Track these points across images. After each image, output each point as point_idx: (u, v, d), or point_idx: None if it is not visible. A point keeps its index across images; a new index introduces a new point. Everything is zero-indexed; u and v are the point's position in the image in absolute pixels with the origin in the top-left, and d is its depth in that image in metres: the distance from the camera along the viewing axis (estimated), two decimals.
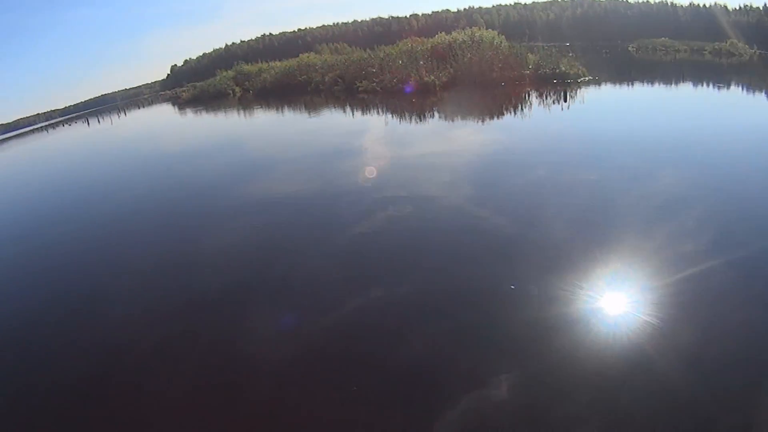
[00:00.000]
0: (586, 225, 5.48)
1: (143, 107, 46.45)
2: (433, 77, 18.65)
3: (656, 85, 20.27)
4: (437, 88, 18.34)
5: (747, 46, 37.13)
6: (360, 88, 21.07)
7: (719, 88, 19.13)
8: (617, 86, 19.09)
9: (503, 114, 14.23)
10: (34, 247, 7.55)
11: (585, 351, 3.39)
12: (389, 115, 15.93)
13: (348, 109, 18.55)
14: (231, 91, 31.18)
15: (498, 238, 5.48)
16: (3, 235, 8.84)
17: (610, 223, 5.41)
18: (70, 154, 20.04)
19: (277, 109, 22.04)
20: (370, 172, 8.74)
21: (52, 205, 10.68)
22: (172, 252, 6.34)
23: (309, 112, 19.37)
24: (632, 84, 19.96)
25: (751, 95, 16.96)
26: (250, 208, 7.68)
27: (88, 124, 32.89)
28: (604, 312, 3.85)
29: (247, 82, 30.31)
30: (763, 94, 17.55)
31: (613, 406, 2.94)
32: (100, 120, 35.17)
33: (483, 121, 13.41)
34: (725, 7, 57.47)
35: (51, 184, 13.35)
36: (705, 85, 19.81)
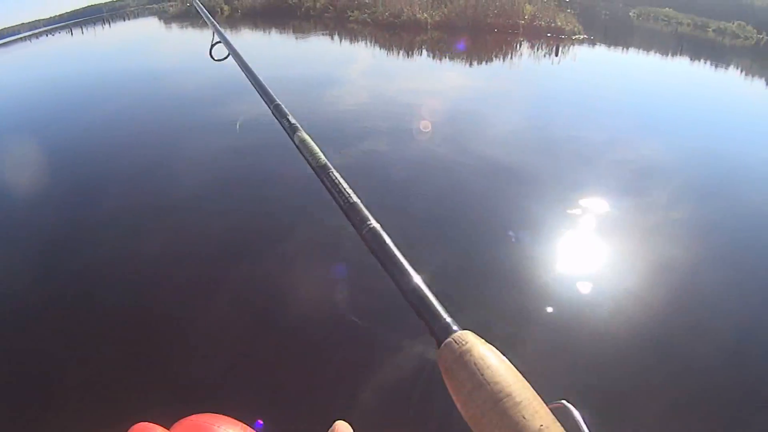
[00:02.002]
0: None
1: (128, 20, 44.41)
2: (426, 15, 18.07)
3: (650, 54, 20.03)
4: (428, 27, 17.81)
5: (755, 30, 36.63)
6: (351, 18, 20.36)
7: (707, 65, 19.08)
8: (611, 49, 18.83)
9: (491, 61, 14.01)
10: None
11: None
12: (377, 49, 15.55)
13: (336, 37, 17.99)
14: (219, 9, 29.83)
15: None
16: None
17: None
18: (47, 64, 19.09)
19: (264, 30, 21.24)
20: (350, 103, 8.64)
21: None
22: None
23: (296, 37, 18.72)
24: (626, 49, 19.69)
25: (732, 76, 16.94)
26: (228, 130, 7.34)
27: (72, 34, 31.46)
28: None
29: (236, 1, 29.03)
30: (747, 77, 17.58)
31: None
32: (84, 30, 33.63)
33: (469, 65, 13.17)
34: None
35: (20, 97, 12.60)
36: (693, 60, 19.71)
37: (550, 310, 3.32)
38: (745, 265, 4.08)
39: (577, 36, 18.29)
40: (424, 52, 14.89)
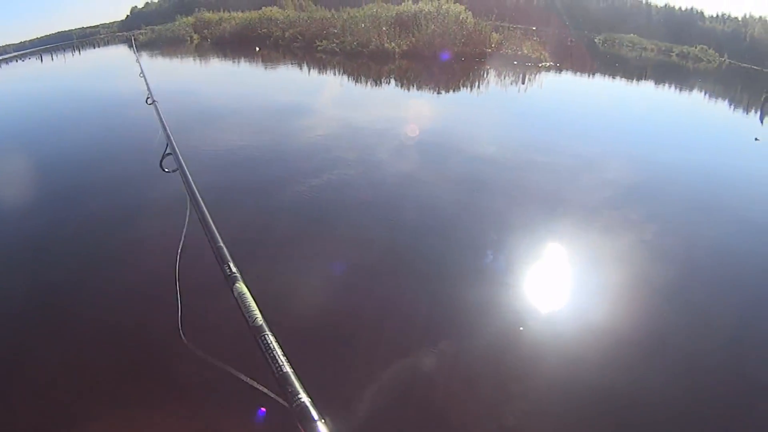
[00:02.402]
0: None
1: (99, 47, 44.05)
2: (393, 44, 18.15)
3: (615, 79, 20.46)
4: (396, 56, 17.87)
5: (717, 53, 37.99)
6: (319, 48, 20.37)
7: (671, 88, 19.62)
8: (577, 75, 19.20)
9: (458, 89, 14.06)
10: None
11: None
12: (345, 77, 15.49)
13: (305, 67, 17.92)
14: (189, 38, 29.71)
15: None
16: None
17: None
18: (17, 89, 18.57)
19: (233, 60, 21.10)
20: (319, 130, 8.50)
21: None
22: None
23: (265, 66, 18.60)
24: (592, 75, 20.11)
25: (695, 98, 17.41)
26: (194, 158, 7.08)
27: (42, 60, 30.92)
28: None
29: (206, 30, 28.90)
30: (706, 96, 18.14)
31: None
32: (54, 57, 33.17)
33: (437, 93, 13.18)
34: (701, 12, 58.74)
35: None
36: (658, 84, 20.27)
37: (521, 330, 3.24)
38: (721, 287, 4.08)
39: (543, 63, 18.58)
40: (392, 81, 14.87)
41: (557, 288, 3.93)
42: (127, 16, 78.74)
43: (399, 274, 3.94)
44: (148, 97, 3.27)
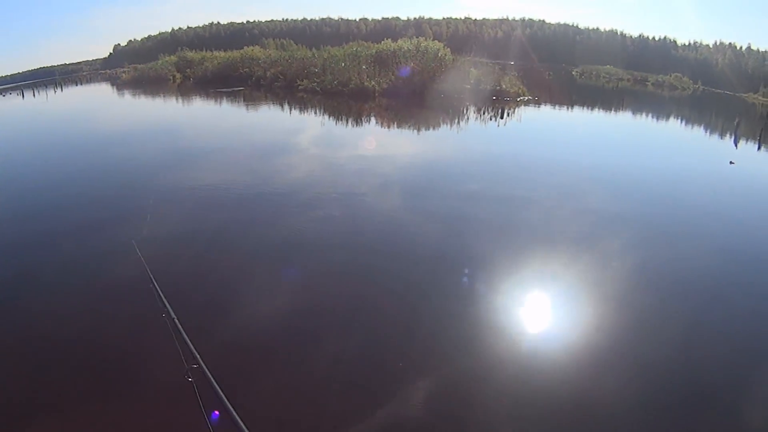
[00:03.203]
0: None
1: (81, 84, 44.10)
2: (373, 83, 18.33)
3: (593, 110, 20.83)
4: (376, 94, 18.03)
5: (691, 81, 39.11)
6: (300, 87, 20.50)
7: (648, 117, 20.02)
8: (555, 108, 19.48)
9: (438, 126, 14.11)
10: None
11: None
12: (326, 116, 15.52)
13: (286, 106, 17.96)
14: (171, 77, 29.88)
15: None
16: None
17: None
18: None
19: (215, 100, 21.13)
20: (301, 171, 8.48)
21: None
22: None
23: (246, 106, 18.63)
24: (570, 108, 20.44)
25: (672, 125, 17.77)
26: (179, 202, 6.90)
27: (23, 96, 30.71)
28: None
29: (188, 69, 29.12)
30: (682, 123, 18.52)
31: None
32: (36, 93, 33.00)
33: (417, 131, 13.22)
34: (674, 41, 60.70)
35: None
36: (635, 113, 20.68)
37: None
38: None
39: (522, 98, 18.85)
40: (373, 118, 14.92)
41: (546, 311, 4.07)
42: (110, 53, 79.42)
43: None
44: (163, 314, 2.85)
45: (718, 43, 55.34)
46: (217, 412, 1.93)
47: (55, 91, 35.13)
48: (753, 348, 3.61)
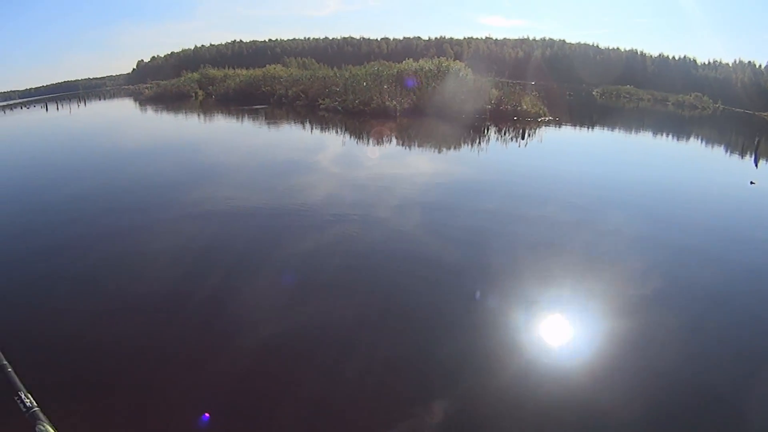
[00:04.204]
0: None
1: (104, 99, 45.07)
2: (395, 102, 18.44)
3: (614, 130, 20.69)
4: (398, 114, 18.12)
5: (711, 100, 38.76)
6: (322, 106, 20.69)
7: (668, 136, 19.84)
8: (576, 128, 19.41)
9: (459, 146, 14.11)
10: None
11: None
12: (347, 136, 15.62)
13: (307, 125, 18.13)
14: (194, 94, 30.43)
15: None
16: None
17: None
18: (21, 138, 18.81)
19: (237, 117, 21.41)
20: (321, 190, 8.56)
21: None
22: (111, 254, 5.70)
23: (268, 124, 18.84)
24: (591, 128, 20.35)
25: (692, 145, 17.60)
26: (196, 218, 7.06)
27: (47, 109, 31.45)
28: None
29: (210, 86, 29.64)
30: (702, 143, 18.36)
31: None
32: (60, 107, 33.79)
33: (438, 151, 13.22)
34: (694, 60, 60.34)
35: None
36: (656, 133, 20.52)
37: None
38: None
39: (542, 118, 18.80)
40: (394, 139, 14.97)
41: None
42: (134, 69, 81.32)
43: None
44: None
45: (737, 62, 54.94)
46: None
47: (78, 106, 35.95)
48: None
